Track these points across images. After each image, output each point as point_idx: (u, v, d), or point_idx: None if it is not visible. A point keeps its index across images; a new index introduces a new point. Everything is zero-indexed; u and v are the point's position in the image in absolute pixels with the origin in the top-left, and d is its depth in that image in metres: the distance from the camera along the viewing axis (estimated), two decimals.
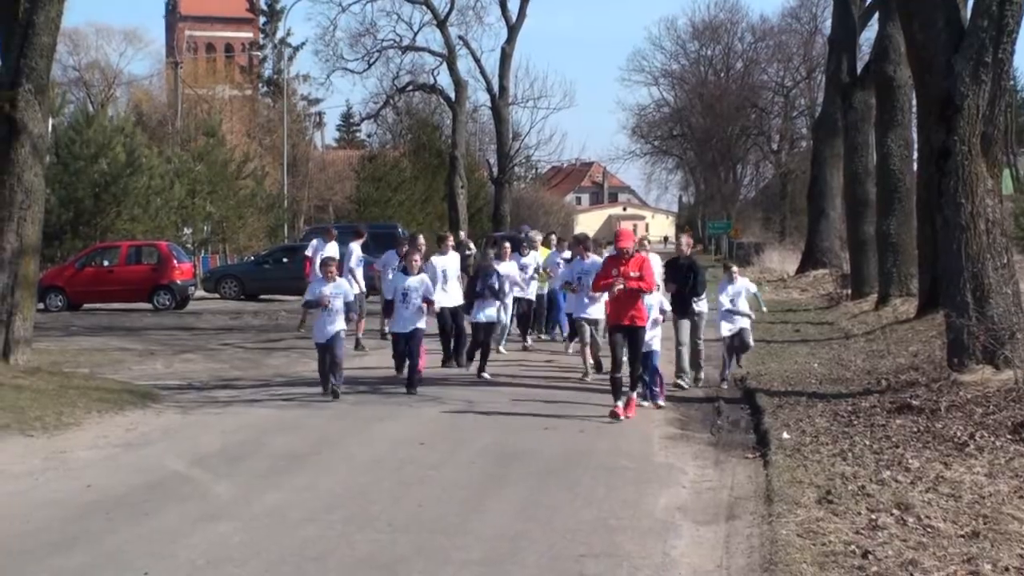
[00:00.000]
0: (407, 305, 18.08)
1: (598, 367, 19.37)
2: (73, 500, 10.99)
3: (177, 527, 9.92)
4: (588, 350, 19.51)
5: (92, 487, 11.53)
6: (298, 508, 10.59)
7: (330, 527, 9.90)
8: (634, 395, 15.86)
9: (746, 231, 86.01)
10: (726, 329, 19.10)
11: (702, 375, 19.06)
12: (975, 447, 12.11)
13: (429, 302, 18.18)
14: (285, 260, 43.45)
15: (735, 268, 20.17)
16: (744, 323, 19.37)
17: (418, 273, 18.31)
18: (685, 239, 19.95)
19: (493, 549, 9.19)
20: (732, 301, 19.15)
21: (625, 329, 15.59)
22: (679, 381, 18.34)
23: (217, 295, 43.64)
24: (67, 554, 9.06)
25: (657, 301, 16.93)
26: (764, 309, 22.13)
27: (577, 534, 9.63)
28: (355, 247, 24.88)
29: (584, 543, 9.36)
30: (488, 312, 20.17)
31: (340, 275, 19.16)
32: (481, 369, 19.76)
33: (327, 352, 17.51)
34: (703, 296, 18.83)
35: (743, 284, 19.73)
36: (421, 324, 18.14)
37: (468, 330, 20.68)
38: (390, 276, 21.53)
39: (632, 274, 15.47)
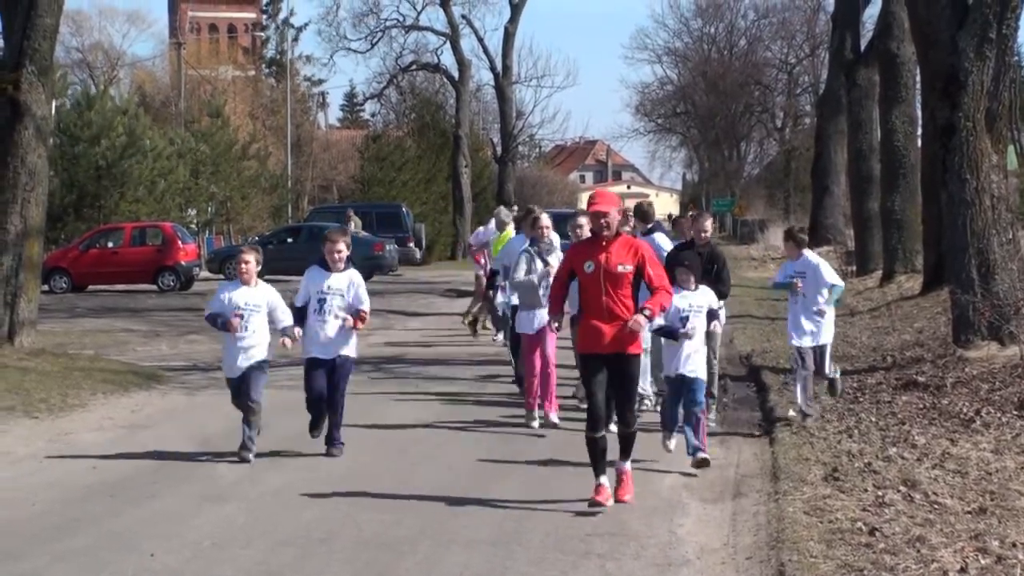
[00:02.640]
0: (324, 317, 11.94)
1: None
2: (78, 482, 10.99)
3: (182, 508, 9.93)
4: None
5: (97, 469, 11.54)
6: (303, 489, 10.58)
7: (336, 507, 9.90)
8: (627, 466, 10.11)
9: (750, 208, 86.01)
10: (803, 338, 12.96)
11: (713, 415, 13.31)
12: (981, 423, 12.10)
13: (359, 316, 12.02)
14: (289, 240, 43.41)
15: (804, 237, 13.52)
16: (826, 334, 13.09)
17: (344, 269, 12.10)
18: (708, 222, 13.86)
19: (499, 528, 9.19)
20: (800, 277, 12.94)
21: (610, 360, 9.74)
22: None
23: (222, 276, 43.57)
24: (72, 536, 9.06)
25: (706, 302, 11.57)
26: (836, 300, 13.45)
27: (583, 512, 9.62)
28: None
29: (590, 522, 9.35)
30: None
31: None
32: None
33: (240, 391, 12.02)
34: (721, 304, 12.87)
35: (811, 262, 13.15)
36: (350, 350, 12.10)
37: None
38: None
39: (621, 268, 9.60)
